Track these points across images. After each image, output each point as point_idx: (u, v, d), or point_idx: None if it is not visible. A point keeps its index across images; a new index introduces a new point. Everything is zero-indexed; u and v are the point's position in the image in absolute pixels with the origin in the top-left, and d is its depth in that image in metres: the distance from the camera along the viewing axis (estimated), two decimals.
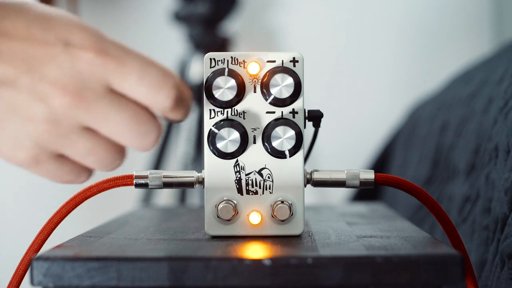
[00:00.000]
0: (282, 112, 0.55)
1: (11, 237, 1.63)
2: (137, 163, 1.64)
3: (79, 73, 0.45)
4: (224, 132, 0.54)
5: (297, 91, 0.54)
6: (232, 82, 0.54)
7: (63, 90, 0.44)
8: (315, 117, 0.57)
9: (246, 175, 0.55)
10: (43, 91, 0.44)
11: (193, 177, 0.56)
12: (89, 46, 0.45)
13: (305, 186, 0.56)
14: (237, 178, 0.55)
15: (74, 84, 0.45)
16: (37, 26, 0.45)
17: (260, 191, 0.55)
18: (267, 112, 0.55)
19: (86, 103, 0.45)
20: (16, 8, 0.46)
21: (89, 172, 0.48)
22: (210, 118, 0.55)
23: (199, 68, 1.51)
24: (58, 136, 0.45)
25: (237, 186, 0.55)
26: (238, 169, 0.55)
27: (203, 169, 0.56)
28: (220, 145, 0.54)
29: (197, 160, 1.50)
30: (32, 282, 0.46)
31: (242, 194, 0.55)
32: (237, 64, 0.55)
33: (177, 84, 0.47)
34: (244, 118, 0.55)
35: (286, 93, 0.54)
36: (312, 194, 1.61)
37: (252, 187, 0.55)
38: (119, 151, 0.48)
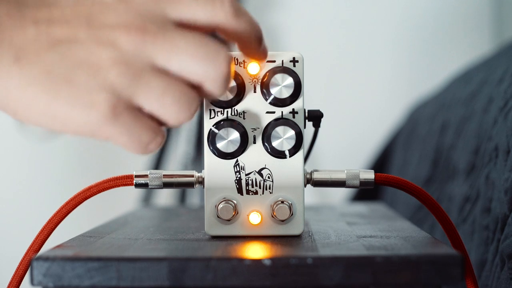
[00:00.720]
0: (282, 112, 0.55)
1: (11, 237, 1.63)
2: (137, 163, 1.64)
3: (137, 10, 0.45)
4: (224, 132, 0.54)
5: (297, 91, 0.54)
6: (232, 82, 0.54)
7: (126, 29, 0.44)
8: (315, 117, 0.57)
9: (246, 175, 0.55)
10: (106, 36, 0.44)
11: (193, 177, 0.56)
12: None
13: (305, 186, 0.56)
14: (237, 178, 0.55)
15: (134, 21, 0.44)
16: None
17: (260, 191, 0.55)
18: (267, 112, 0.55)
19: (151, 35, 0.44)
20: None
21: (163, 133, 0.46)
22: (210, 118, 0.55)
23: None
24: (131, 79, 0.44)
25: (237, 186, 0.55)
26: (238, 169, 0.55)
27: (203, 169, 0.56)
28: (220, 145, 0.54)
29: (197, 160, 1.50)
30: (32, 282, 0.46)
31: (242, 194, 0.55)
32: (237, 64, 0.55)
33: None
34: (244, 118, 0.55)
35: (286, 93, 0.54)
36: (312, 194, 1.61)
37: (252, 187, 0.55)
38: (193, 91, 0.45)
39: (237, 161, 0.55)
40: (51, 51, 0.44)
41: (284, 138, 0.54)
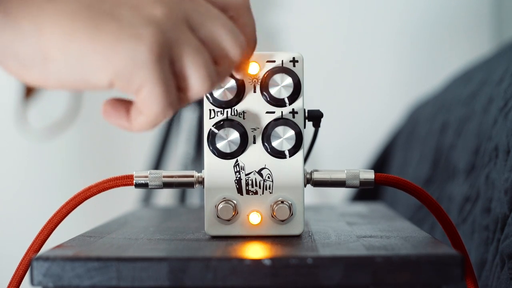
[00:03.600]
0: (282, 112, 0.55)
1: (11, 237, 1.63)
2: (137, 163, 1.64)
3: None
4: (224, 132, 0.54)
5: (297, 91, 0.54)
6: (232, 82, 0.54)
7: None
8: (315, 117, 0.57)
9: (246, 175, 0.55)
10: None
11: (193, 177, 0.56)
12: None
13: (305, 186, 0.56)
14: (237, 178, 0.55)
15: None
16: None
17: (260, 191, 0.55)
18: (267, 112, 0.55)
19: None
20: None
21: (185, 100, 0.45)
22: (210, 118, 0.55)
23: None
24: (173, 22, 0.43)
25: (237, 186, 0.55)
26: (238, 169, 0.55)
27: (203, 169, 0.56)
28: (220, 145, 0.54)
29: (197, 160, 1.50)
30: (32, 282, 0.46)
31: (242, 194, 0.55)
32: None
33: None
34: (244, 118, 0.55)
35: (285, 93, 0.54)
36: (312, 194, 1.61)
37: (252, 187, 0.55)
38: (215, 66, 0.45)
39: (237, 161, 0.55)
40: None
41: (284, 138, 0.54)
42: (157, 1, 0.43)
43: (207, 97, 0.54)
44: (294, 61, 0.55)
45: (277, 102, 0.54)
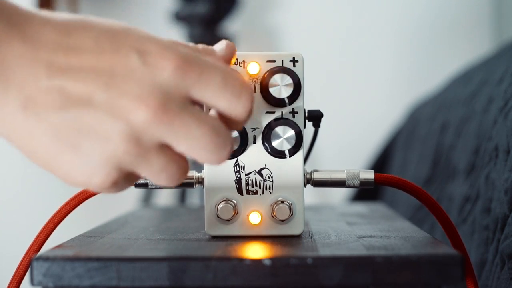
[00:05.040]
0: (282, 112, 0.55)
1: (11, 237, 1.63)
2: None
3: (160, 85, 0.41)
4: None
5: (297, 91, 0.54)
6: None
7: (145, 105, 0.41)
8: (315, 117, 0.57)
9: (246, 175, 0.55)
10: (123, 107, 0.41)
11: (193, 177, 0.56)
12: (167, 57, 0.42)
13: (305, 186, 0.56)
14: (237, 178, 0.55)
15: (156, 97, 0.41)
16: (106, 39, 0.42)
17: (260, 191, 0.55)
18: (267, 112, 0.55)
19: (169, 117, 0.41)
20: (79, 24, 0.43)
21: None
22: None
23: None
24: (137, 156, 0.42)
25: (237, 186, 0.55)
26: (238, 169, 0.55)
27: (203, 169, 0.56)
28: None
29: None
30: (32, 282, 0.46)
31: (242, 194, 0.55)
32: (237, 64, 0.55)
33: (252, 92, 0.45)
34: None
35: (285, 93, 0.54)
36: (312, 194, 1.61)
37: (252, 187, 0.55)
38: (186, 167, 0.45)
39: (237, 161, 0.55)
40: (62, 112, 0.41)
41: (284, 138, 0.54)
42: (126, 136, 0.41)
43: None
44: (294, 61, 0.55)
45: (277, 102, 0.54)
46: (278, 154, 0.54)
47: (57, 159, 0.42)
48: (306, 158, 0.58)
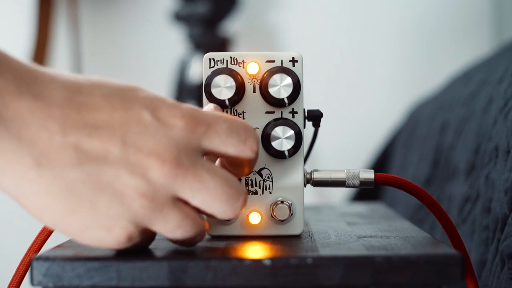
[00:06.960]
0: (281, 112, 0.55)
1: (11, 237, 1.63)
2: None
3: (174, 141, 0.43)
4: None
5: (296, 91, 0.54)
6: (232, 82, 0.54)
7: (161, 160, 0.42)
8: (314, 117, 0.57)
9: None
10: (139, 163, 0.42)
11: None
12: (175, 113, 0.44)
13: (305, 186, 0.56)
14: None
15: (171, 152, 0.43)
16: (116, 96, 0.43)
17: (259, 191, 0.55)
18: (267, 112, 0.55)
19: (183, 171, 0.43)
20: (86, 83, 0.43)
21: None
22: None
23: (199, 68, 1.52)
24: (152, 210, 0.43)
25: None
26: None
27: None
28: None
29: None
30: (32, 282, 0.46)
31: None
32: (236, 64, 0.55)
33: (256, 134, 0.47)
34: (243, 118, 0.55)
35: (285, 93, 0.54)
36: (312, 194, 1.61)
37: (252, 187, 0.55)
38: (202, 224, 0.46)
39: None
40: (78, 168, 0.41)
41: (283, 138, 0.54)
42: (141, 192, 0.42)
43: (206, 97, 0.54)
44: (293, 61, 0.55)
45: (277, 102, 0.54)
46: (278, 154, 0.54)
47: (73, 216, 0.42)
48: (306, 158, 0.58)
